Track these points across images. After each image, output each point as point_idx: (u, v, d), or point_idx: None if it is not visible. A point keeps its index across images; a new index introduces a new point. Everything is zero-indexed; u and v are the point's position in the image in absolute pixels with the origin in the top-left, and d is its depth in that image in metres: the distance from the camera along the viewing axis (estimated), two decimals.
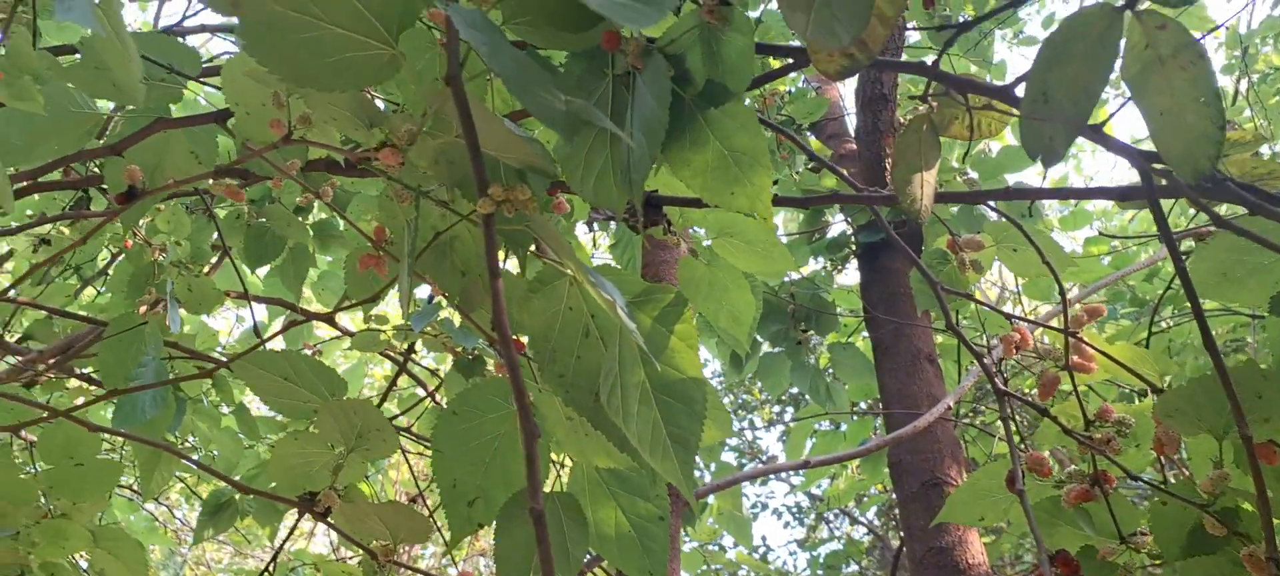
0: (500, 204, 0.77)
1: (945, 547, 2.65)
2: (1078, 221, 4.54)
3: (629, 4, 0.56)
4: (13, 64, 1.07)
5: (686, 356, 0.89)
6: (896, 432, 1.90)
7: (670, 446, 0.89)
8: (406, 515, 1.24)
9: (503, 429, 1.27)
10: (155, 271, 2.19)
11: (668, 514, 1.31)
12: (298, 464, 1.34)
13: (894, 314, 3.23)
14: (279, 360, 1.31)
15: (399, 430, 2.81)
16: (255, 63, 0.96)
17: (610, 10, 0.56)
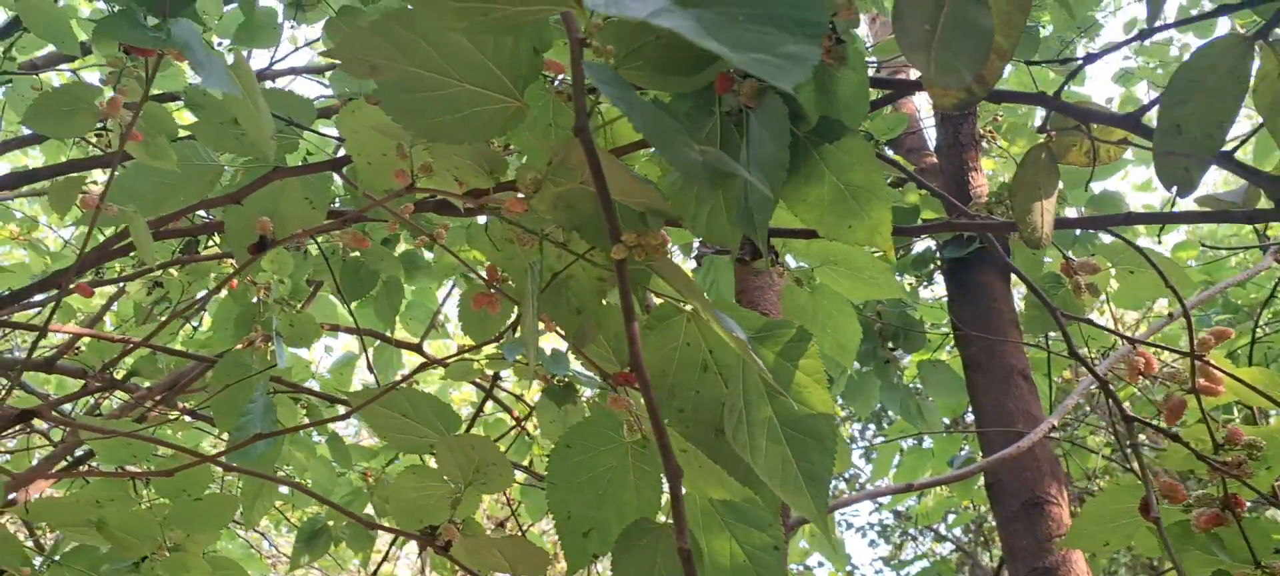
0: (633, 249, 0.79)
1: (1049, 568, 2.60)
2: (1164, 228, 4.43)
3: (773, 60, 0.57)
4: (150, 125, 1.13)
5: (814, 392, 0.90)
6: (1001, 453, 1.88)
7: (803, 482, 0.89)
8: (526, 548, 1.27)
9: (615, 461, 1.29)
10: (260, 310, 2.27)
11: (783, 544, 1.31)
12: (416, 498, 1.38)
13: (984, 329, 3.19)
14: (398, 398, 1.35)
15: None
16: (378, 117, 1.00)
17: (757, 67, 0.57)
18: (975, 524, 7.74)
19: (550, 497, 1.29)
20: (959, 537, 8.15)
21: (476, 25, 0.78)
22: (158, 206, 1.35)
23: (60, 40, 2.13)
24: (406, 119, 0.85)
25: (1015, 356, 3.14)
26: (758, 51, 0.59)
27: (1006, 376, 3.06)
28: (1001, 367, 3.09)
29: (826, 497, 0.89)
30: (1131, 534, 1.15)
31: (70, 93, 1.09)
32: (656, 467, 1.30)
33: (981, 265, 3.37)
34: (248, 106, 1.00)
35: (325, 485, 3.76)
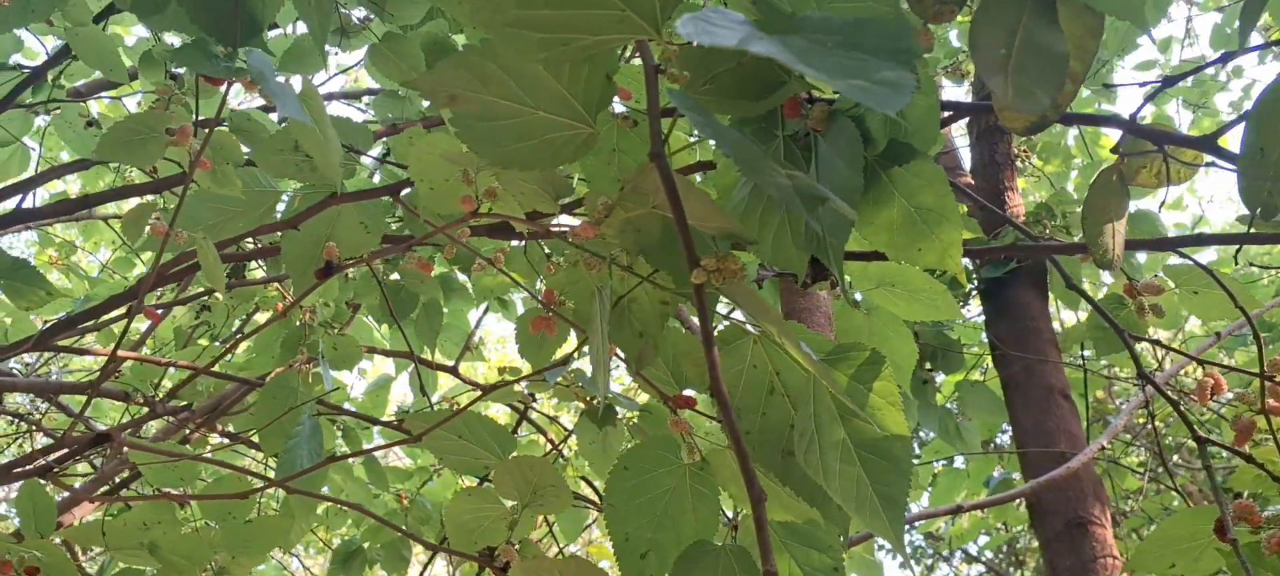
0: (711, 273, 0.79)
1: None
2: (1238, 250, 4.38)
3: (872, 86, 0.58)
4: (217, 154, 1.14)
5: (889, 414, 0.90)
6: (1050, 475, 1.87)
7: (878, 505, 0.89)
8: (586, 569, 1.27)
9: (673, 483, 1.29)
10: (306, 333, 2.29)
11: (842, 566, 1.31)
12: (472, 520, 1.39)
13: (1022, 349, 3.17)
14: (455, 421, 1.36)
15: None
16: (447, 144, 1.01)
17: (857, 93, 0.58)
18: (1007, 545, 7.67)
19: (608, 519, 1.29)
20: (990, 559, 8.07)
21: (556, 55, 0.79)
22: (218, 232, 1.37)
23: (108, 68, 2.16)
24: (483, 147, 0.86)
25: (1055, 376, 3.12)
26: (855, 78, 0.60)
27: (1046, 395, 3.04)
28: (1041, 387, 3.07)
29: (903, 520, 0.89)
30: (1199, 557, 1.14)
31: (143, 122, 1.11)
32: (714, 490, 1.30)
33: (1019, 284, 3.35)
34: (316, 135, 1.01)
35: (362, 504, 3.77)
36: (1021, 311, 3.29)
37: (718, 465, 1.27)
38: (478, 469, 1.41)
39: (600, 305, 1.02)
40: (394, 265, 2.83)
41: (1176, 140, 0.93)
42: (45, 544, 1.70)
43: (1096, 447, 1.89)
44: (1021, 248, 1.70)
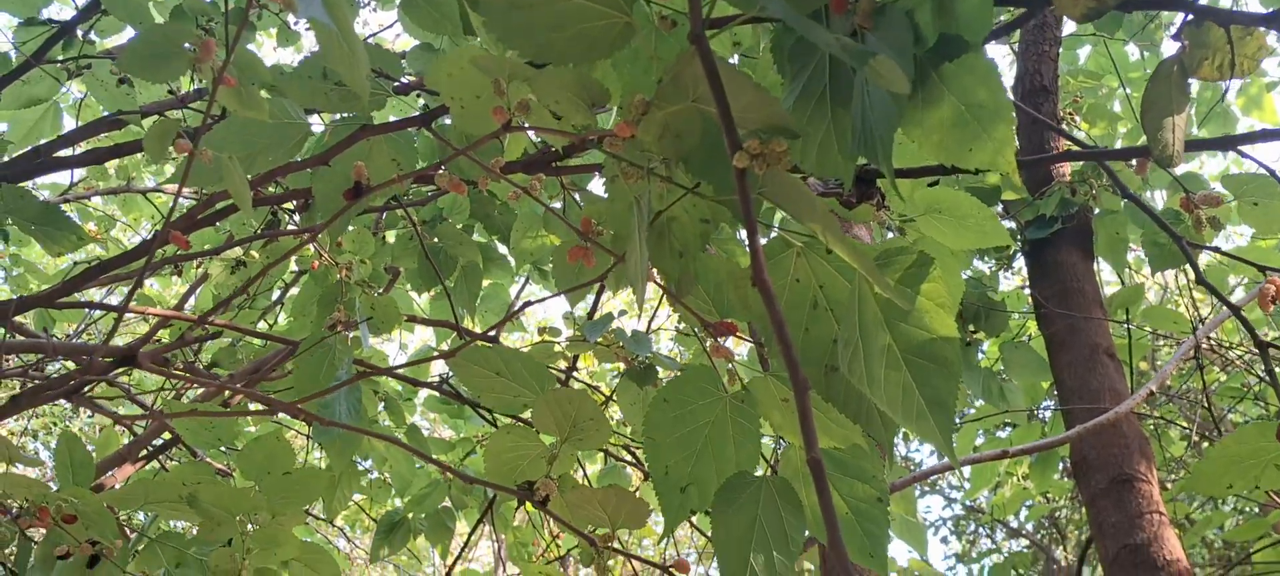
0: (755, 157, 0.76)
1: (1140, 544, 2.52)
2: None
3: None
4: (242, 72, 1.12)
5: (937, 316, 0.87)
6: (1098, 419, 1.82)
7: (925, 408, 0.86)
8: (626, 499, 1.25)
9: (714, 416, 1.26)
10: (342, 290, 2.27)
11: (887, 496, 1.28)
12: (511, 456, 1.36)
13: (1066, 308, 3.11)
14: (492, 356, 1.34)
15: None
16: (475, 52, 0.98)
17: None
18: (1049, 518, 7.57)
19: (647, 453, 1.27)
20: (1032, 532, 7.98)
21: None
22: (247, 166, 1.35)
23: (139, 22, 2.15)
24: (514, 38, 0.84)
25: (1099, 334, 3.06)
26: None
27: (1091, 354, 2.98)
28: (1086, 345, 3.01)
29: (952, 423, 0.85)
30: (1259, 475, 1.09)
31: (165, 35, 1.09)
32: (755, 422, 1.27)
33: (1063, 245, 3.28)
34: (341, 46, 0.98)
35: (405, 475, 3.78)
36: (1066, 271, 3.22)
37: (759, 393, 1.24)
38: (516, 406, 1.39)
39: (638, 217, 0.99)
40: (433, 229, 2.81)
41: (1245, 18, 0.88)
42: (82, 492, 1.70)
43: (1144, 393, 1.83)
44: (1073, 155, 1.65)
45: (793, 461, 1.31)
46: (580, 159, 1.86)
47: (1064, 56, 4.01)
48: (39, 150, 2.11)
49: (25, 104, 2.19)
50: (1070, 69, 4.09)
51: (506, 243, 3.18)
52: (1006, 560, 6.83)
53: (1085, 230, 3.31)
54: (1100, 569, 2.75)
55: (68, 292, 1.69)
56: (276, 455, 1.99)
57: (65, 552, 1.68)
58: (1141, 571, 2.45)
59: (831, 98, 0.97)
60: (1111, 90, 4.15)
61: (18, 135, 2.35)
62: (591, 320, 2.52)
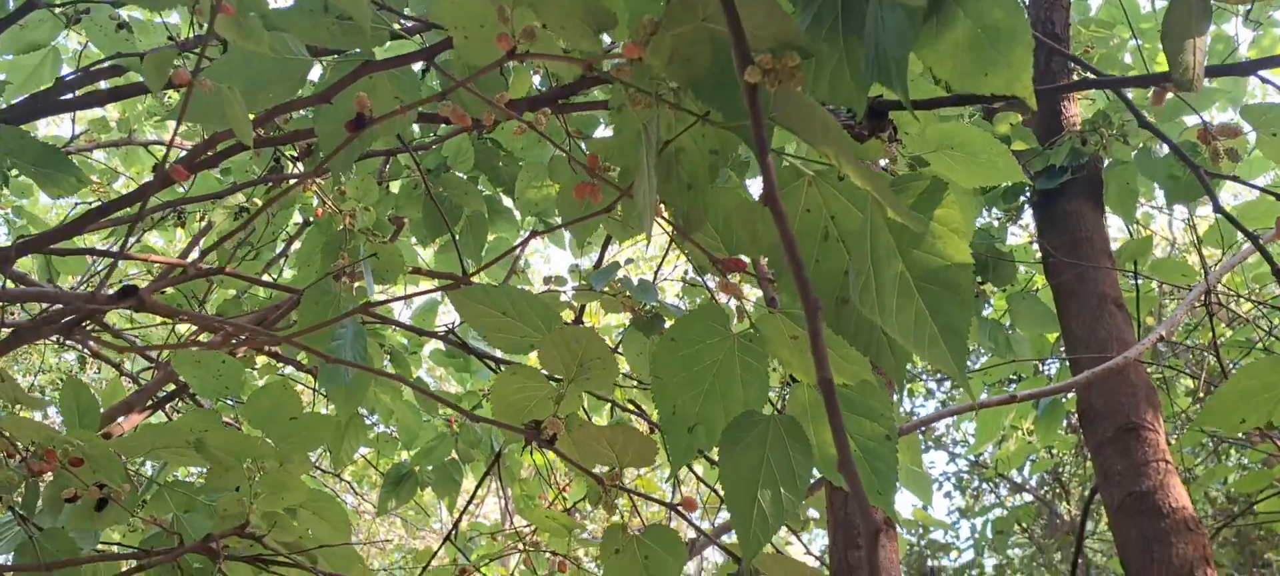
0: (767, 73, 0.74)
1: (1146, 492, 2.52)
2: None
3: None
4: (241, 1, 1.10)
5: (951, 242, 0.85)
6: (1107, 364, 1.80)
7: (938, 335, 0.84)
8: (634, 437, 1.24)
9: (722, 355, 1.25)
10: (346, 238, 2.26)
11: (896, 434, 1.27)
12: (518, 398, 1.36)
13: (1075, 259, 3.09)
14: (498, 295, 1.32)
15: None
16: None
17: None
18: (1053, 473, 7.59)
19: (655, 393, 1.26)
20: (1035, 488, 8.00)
21: None
22: (249, 103, 1.33)
23: None
24: None
25: (1108, 284, 3.04)
26: None
27: (1099, 303, 2.96)
28: (1094, 295, 2.99)
29: (965, 350, 0.84)
30: (1272, 410, 1.08)
31: None
32: (764, 362, 1.26)
33: (1073, 195, 3.26)
34: None
35: (412, 428, 3.79)
36: (1075, 222, 3.20)
37: (768, 331, 1.23)
38: (522, 348, 1.38)
39: (646, 146, 0.97)
40: (438, 178, 2.79)
41: None
42: (89, 435, 1.70)
43: (1154, 338, 1.82)
44: (1090, 83, 1.62)
45: (801, 400, 1.30)
46: (585, 96, 1.83)
47: (1076, 6, 3.96)
48: (38, 97, 2.09)
49: (24, 49, 2.16)
50: (1082, 18, 4.04)
51: (511, 194, 3.16)
52: (1010, 514, 6.85)
53: (1095, 181, 3.29)
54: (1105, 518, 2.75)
55: (68, 236, 1.67)
56: (282, 403, 1.98)
57: (73, 495, 1.68)
58: (1147, 519, 2.45)
59: (844, 25, 0.95)
60: (1123, 41, 4.10)
61: (17, 81, 2.33)
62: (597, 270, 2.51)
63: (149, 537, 1.90)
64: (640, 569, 1.34)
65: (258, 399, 1.98)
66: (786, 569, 1.24)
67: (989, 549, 7.54)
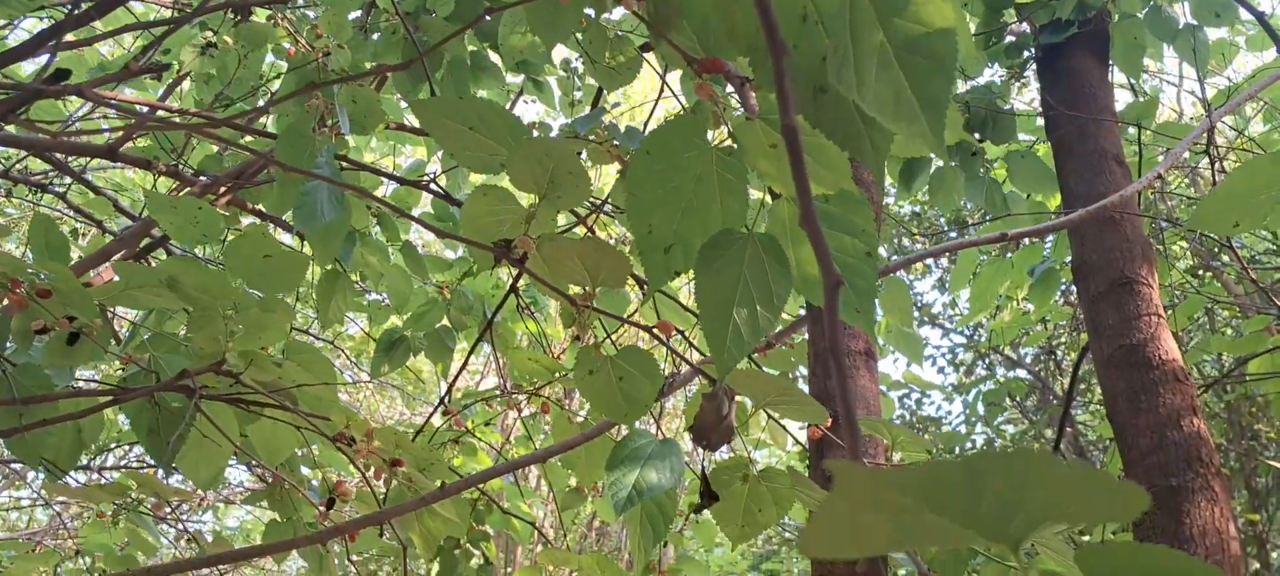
0: None
1: (1136, 344, 2.49)
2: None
3: None
4: None
5: (932, 7, 0.79)
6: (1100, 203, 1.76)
7: (918, 108, 0.79)
8: (606, 253, 1.20)
9: (700, 170, 1.20)
10: (319, 73, 2.19)
11: (877, 250, 1.23)
12: (488, 221, 1.31)
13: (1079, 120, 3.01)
14: (465, 107, 1.27)
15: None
16: None
17: None
18: (1046, 350, 7.62)
19: (629, 211, 1.21)
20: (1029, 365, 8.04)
21: None
22: None
23: None
24: None
25: (1109, 141, 2.97)
26: None
27: (1099, 159, 2.90)
28: (1094, 151, 2.93)
29: (943, 122, 0.79)
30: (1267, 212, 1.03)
31: None
32: (743, 177, 1.21)
33: (1077, 51, 3.17)
34: None
35: (401, 292, 3.77)
36: (1079, 78, 3.12)
37: (746, 140, 1.17)
38: (492, 166, 1.32)
39: None
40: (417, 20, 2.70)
41: None
42: (58, 267, 1.66)
43: (1153, 176, 1.76)
44: None
45: (780, 217, 1.26)
46: None
47: None
48: None
49: None
50: None
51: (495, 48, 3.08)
52: (1001, 386, 6.89)
53: (1101, 35, 3.19)
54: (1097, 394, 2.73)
55: (38, 95, 1.60)
56: (260, 247, 1.94)
57: (42, 327, 1.65)
58: (1136, 370, 2.43)
59: None
60: None
61: None
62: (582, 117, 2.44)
63: (127, 377, 1.88)
64: (615, 391, 1.32)
65: (236, 245, 1.94)
66: (760, 384, 1.21)
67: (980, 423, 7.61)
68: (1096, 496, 0.38)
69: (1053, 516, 0.39)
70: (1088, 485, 0.37)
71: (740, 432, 1.32)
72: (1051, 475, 0.36)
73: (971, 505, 0.38)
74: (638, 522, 1.94)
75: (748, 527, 1.40)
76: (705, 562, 7.02)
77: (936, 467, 0.36)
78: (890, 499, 0.38)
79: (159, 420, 1.86)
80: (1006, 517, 0.38)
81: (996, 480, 0.37)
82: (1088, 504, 0.38)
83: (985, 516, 0.38)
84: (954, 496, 0.37)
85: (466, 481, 1.46)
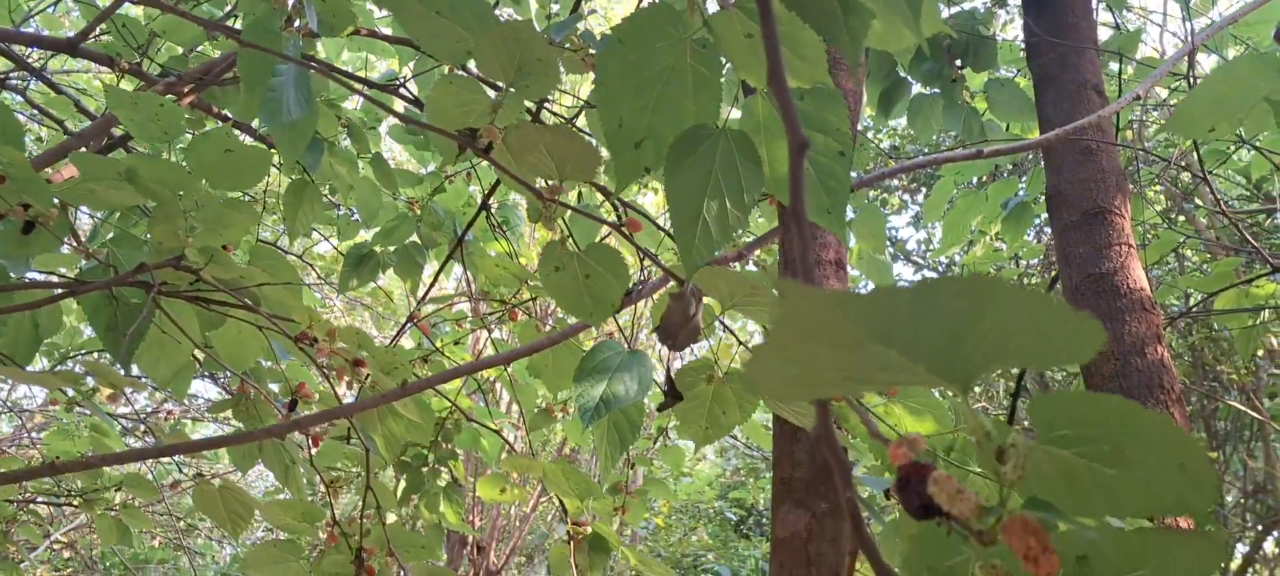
0: None
1: (1105, 273, 2.50)
2: None
3: None
4: None
5: None
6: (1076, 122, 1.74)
7: None
8: (574, 142, 1.17)
9: (672, 61, 1.17)
10: None
11: (850, 150, 1.21)
12: (454, 111, 1.28)
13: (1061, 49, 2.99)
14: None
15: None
16: None
17: None
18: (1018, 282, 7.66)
19: (599, 104, 1.18)
20: None
21: None
22: None
23: None
24: None
25: (1089, 71, 2.95)
26: None
27: (1079, 89, 2.88)
28: (1074, 81, 2.91)
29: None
30: (1244, 117, 1.02)
31: None
32: (717, 70, 1.18)
33: None
34: None
35: (370, 204, 3.72)
36: (1063, 6, 3.08)
37: (721, 29, 1.14)
38: (459, 54, 1.29)
39: None
40: None
41: None
42: (11, 152, 1.61)
43: (1131, 98, 1.74)
44: None
45: (754, 113, 1.23)
46: None
47: None
48: None
49: None
50: None
51: None
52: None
53: None
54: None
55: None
56: (222, 143, 1.90)
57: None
58: (1103, 298, 2.43)
59: None
60: None
61: None
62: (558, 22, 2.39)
63: (85, 272, 1.85)
64: (581, 289, 1.30)
65: (199, 144, 1.89)
66: (727, 281, 1.20)
67: None
68: (1050, 327, 0.36)
69: (1004, 350, 0.37)
70: (1041, 313, 0.35)
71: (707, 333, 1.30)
72: (1004, 300, 0.35)
73: (921, 334, 0.36)
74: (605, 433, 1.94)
75: (711, 430, 1.39)
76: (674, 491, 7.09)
77: (887, 292, 0.35)
78: (838, 327, 0.36)
79: (117, 316, 1.83)
80: (956, 348, 0.37)
81: (947, 306, 0.35)
82: (1040, 336, 0.36)
83: (934, 347, 0.37)
84: (903, 324, 0.36)
85: (429, 380, 1.45)
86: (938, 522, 0.47)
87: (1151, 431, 0.44)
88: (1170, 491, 0.46)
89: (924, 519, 0.47)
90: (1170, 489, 0.46)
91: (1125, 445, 0.45)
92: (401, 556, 1.95)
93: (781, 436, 1.65)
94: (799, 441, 1.60)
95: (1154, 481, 0.46)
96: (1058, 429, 0.47)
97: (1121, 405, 0.45)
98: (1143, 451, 0.45)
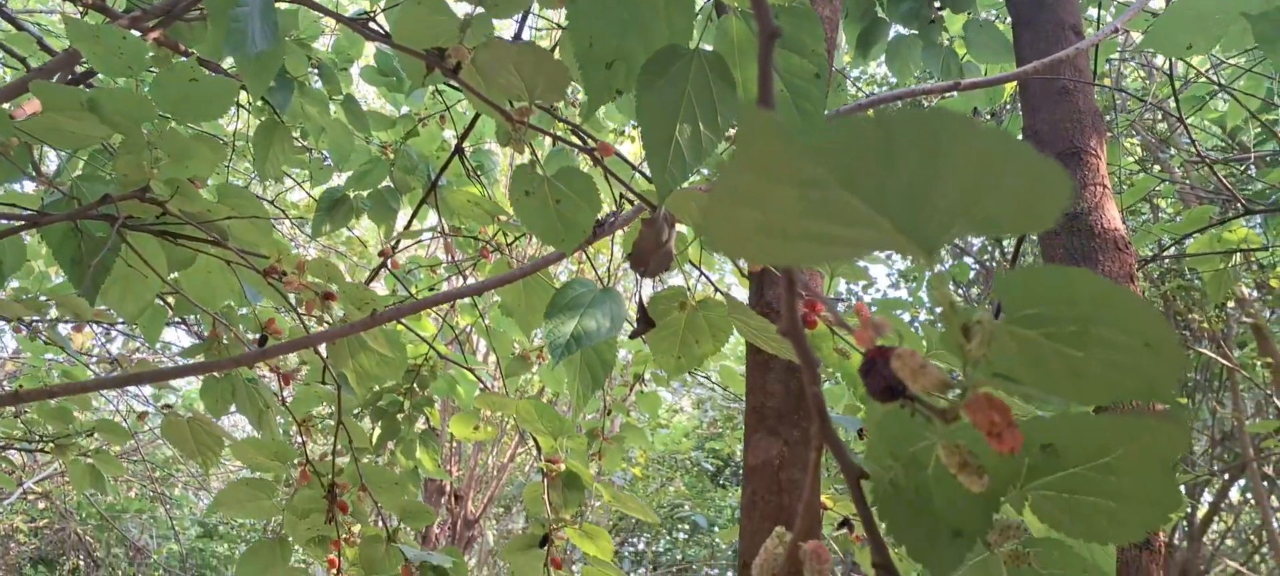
0: None
1: (1080, 213, 2.50)
2: None
3: None
4: None
5: None
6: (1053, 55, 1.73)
7: None
8: (544, 60, 1.14)
9: None
10: None
11: (825, 71, 1.19)
12: (423, 31, 1.25)
13: None
14: None
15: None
16: None
17: None
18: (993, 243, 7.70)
19: (570, 22, 1.16)
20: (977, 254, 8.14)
21: None
22: None
23: None
24: None
25: (1068, 11, 2.94)
26: None
27: (1057, 30, 2.87)
28: (1052, 22, 2.90)
29: None
30: (1221, 34, 1.00)
31: None
32: None
33: None
34: None
35: (342, 147, 3.67)
36: None
37: None
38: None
39: None
40: None
41: None
42: None
43: (1109, 31, 1.74)
44: None
45: (729, 34, 1.21)
46: None
47: None
48: None
49: None
50: None
51: None
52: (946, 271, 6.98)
53: None
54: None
55: None
56: (187, 74, 1.86)
57: None
58: (1077, 237, 2.44)
59: None
60: None
61: None
62: None
63: (48, 206, 1.81)
64: (551, 214, 1.28)
65: (163, 79, 1.85)
66: (698, 203, 1.19)
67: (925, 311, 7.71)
68: (1017, 169, 0.35)
69: (971, 200, 0.36)
70: (1007, 154, 0.34)
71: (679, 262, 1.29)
72: (970, 139, 0.34)
73: (885, 177, 0.35)
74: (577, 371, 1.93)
75: (684, 359, 1.38)
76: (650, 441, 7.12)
77: (852, 124, 0.34)
78: (799, 167, 0.35)
79: (82, 250, 1.80)
80: (922, 194, 0.36)
81: (912, 146, 0.34)
82: (1008, 180, 0.35)
83: (899, 192, 0.36)
84: (868, 164, 0.35)
85: (398, 310, 1.43)
86: (902, 404, 0.47)
87: (1118, 306, 0.44)
88: (1138, 374, 0.45)
89: (888, 400, 0.47)
90: (1138, 371, 0.45)
91: (1092, 324, 0.44)
92: (375, 493, 1.94)
93: (754, 366, 1.65)
94: (772, 370, 1.60)
95: (1121, 363, 0.45)
96: (1025, 307, 0.46)
97: (1089, 279, 0.44)
98: (1110, 330, 0.44)
